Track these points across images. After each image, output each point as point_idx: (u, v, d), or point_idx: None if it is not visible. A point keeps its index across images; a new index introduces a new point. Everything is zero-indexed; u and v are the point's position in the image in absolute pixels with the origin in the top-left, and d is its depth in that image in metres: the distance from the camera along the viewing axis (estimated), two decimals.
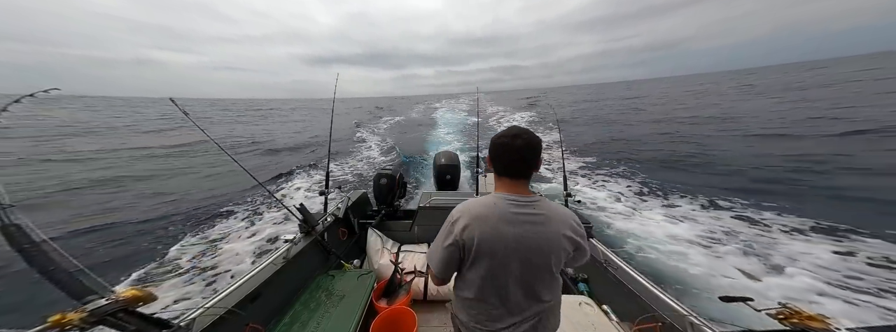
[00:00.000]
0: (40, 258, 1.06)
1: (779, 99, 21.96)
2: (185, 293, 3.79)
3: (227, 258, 4.62)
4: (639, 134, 13.97)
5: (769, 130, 12.11)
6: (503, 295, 1.11)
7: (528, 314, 1.14)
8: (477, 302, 1.15)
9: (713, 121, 15.53)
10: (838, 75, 40.81)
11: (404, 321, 2.10)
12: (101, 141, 16.52)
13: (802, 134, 10.75)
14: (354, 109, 48.84)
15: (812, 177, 6.90)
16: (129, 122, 29.05)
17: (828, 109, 14.99)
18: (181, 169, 10.16)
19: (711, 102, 25.54)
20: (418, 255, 2.92)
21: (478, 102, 5.08)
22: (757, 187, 6.59)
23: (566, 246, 1.08)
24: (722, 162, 8.66)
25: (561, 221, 1.08)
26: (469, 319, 1.20)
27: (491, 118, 24.38)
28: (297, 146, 15.26)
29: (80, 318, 0.99)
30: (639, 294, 1.88)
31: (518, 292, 1.11)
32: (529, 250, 1.06)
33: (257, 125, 27.59)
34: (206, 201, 7.10)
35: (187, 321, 1.45)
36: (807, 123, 12.52)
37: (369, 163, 10.69)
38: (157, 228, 5.69)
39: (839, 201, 5.61)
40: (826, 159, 7.86)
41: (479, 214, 1.08)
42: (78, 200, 7.20)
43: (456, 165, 4.31)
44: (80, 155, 12.01)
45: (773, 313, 1.21)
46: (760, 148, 9.74)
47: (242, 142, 16.85)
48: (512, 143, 1.06)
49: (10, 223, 1.07)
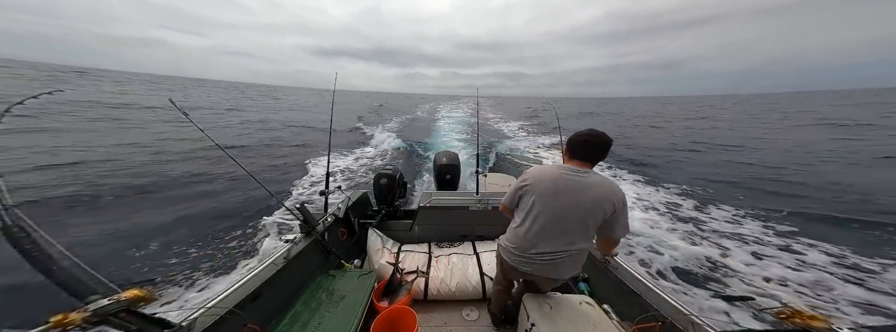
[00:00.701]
0: (42, 259, 1.06)
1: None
2: (185, 293, 3.79)
3: (228, 258, 4.62)
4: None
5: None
6: (539, 230, 1.57)
7: (554, 249, 1.56)
8: (521, 230, 1.64)
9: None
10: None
11: (405, 320, 2.10)
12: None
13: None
14: (355, 104, 48.59)
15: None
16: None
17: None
18: (181, 168, 10.15)
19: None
20: (418, 255, 2.93)
21: (477, 102, 5.08)
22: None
23: (604, 207, 1.45)
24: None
25: (603, 188, 1.47)
26: (509, 242, 1.73)
27: (490, 121, 24.39)
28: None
29: (83, 318, 0.99)
30: (639, 294, 1.88)
31: (552, 231, 1.55)
32: (569, 203, 1.49)
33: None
34: (206, 201, 7.09)
35: (188, 321, 1.45)
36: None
37: (369, 163, 10.70)
38: (158, 228, 5.68)
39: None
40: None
41: (540, 173, 1.63)
42: (79, 198, 7.20)
43: (456, 165, 4.32)
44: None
45: (774, 312, 1.21)
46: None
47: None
48: (592, 139, 1.53)
49: (12, 224, 1.07)
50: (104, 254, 4.74)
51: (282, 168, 9.54)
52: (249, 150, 11.62)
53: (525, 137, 15.68)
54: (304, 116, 24.96)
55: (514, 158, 10.86)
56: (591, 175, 1.51)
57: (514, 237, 1.69)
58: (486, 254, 2.88)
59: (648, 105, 73.01)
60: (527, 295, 1.96)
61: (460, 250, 3.03)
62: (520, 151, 12.37)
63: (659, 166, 10.13)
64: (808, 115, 29.48)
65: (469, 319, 2.47)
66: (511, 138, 14.77)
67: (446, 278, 2.63)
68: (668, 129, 21.35)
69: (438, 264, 2.80)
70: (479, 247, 3.05)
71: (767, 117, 27.99)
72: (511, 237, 1.72)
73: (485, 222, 3.25)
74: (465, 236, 3.32)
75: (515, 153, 11.81)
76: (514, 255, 1.71)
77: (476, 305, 2.59)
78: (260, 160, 10.26)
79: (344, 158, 10.78)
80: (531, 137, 15.75)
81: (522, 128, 20.52)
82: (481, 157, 6.69)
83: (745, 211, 6.09)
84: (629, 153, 12.01)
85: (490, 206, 3.15)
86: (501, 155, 11.38)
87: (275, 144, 12.70)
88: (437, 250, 3.05)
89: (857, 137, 15.35)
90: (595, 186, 1.48)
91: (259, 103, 36.64)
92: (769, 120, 25.59)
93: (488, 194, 3.27)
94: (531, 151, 12.25)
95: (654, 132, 19.84)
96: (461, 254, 2.93)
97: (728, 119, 27.78)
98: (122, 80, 70.33)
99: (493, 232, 3.30)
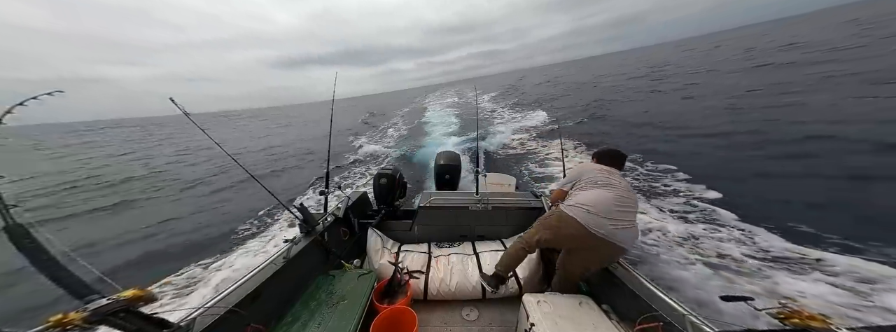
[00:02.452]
0: (43, 258, 1.06)
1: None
2: (185, 294, 3.79)
3: (228, 259, 4.63)
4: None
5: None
6: (614, 197, 1.89)
7: (626, 213, 1.87)
8: (600, 195, 1.93)
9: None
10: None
11: (404, 320, 2.11)
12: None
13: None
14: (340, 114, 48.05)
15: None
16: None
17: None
18: (182, 169, 10.18)
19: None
20: (418, 255, 2.93)
21: (477, 103, 5.08)
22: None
23: (635, 200, 1.98)
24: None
25: (626, 188, 1.98)
26: (585, 204, 1.92)
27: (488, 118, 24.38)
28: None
29: (82, 318, 0.99)
30: (639, 294, 1.88)
31: (623, 198, 1.91)
32: (625, 187, 1.99)
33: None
34: (206, 200, 7.11)
35: (188, 321, 1.45)
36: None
37: (369, 162, 10.69)
38: (158, 228, 5.69)
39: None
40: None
41: (589, 165, 2.25)
42: (81, 200, 7.21)
43: (456, 165, 4.32)
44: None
45: (773, 312, 1.21)
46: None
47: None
48: (615, 152, 2.28)
49: (14, 224, 1.08)
50: (99, 253, 4.74)
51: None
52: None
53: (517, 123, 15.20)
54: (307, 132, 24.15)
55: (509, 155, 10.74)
56: (619, 176, 2.08)
57: (578, 213, 1.87)
58: (486, 254, 2.88)
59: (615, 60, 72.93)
60: (527, 295, 1.97)
61: (460, 250, 3.03)
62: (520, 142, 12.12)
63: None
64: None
65: (469, 319, 2.47)
66: (503, 132, 14.45)
67: (446, 278, 2.63)
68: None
69: (438, 264, 2.80)
70: (479, 247, 3.05)
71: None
72: (584, 200, 1.92)
73: (485, 222, 3.26)
74: (464, 236, 3.32)
75: (509, 149, 11.62)
76: (590, 214, 1.84)
77: (476, 305, 2.59)
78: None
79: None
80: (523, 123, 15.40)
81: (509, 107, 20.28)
82: (481, 157, 6.66)
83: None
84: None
85: (490, 206, 3.15)
86: (500, 153, 11.33)
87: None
88: (436, 250, 3.05)
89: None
90: (622, 184, 2.01)
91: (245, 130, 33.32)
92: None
93: (488, 195, 3.27)
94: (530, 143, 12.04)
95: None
96: (461, 254, 2.93)
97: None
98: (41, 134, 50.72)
99: (492, 232, 3.30)
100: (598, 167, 2.13)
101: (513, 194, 3.63)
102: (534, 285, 2.64)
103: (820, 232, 4.08)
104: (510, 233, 3.23)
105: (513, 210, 3.21)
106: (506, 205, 3.20)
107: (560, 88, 29.86)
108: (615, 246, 1.84)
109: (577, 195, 2.01)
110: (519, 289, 2.55)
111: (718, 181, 5.71)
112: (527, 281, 2.60)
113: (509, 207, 3.20)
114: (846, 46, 19.12)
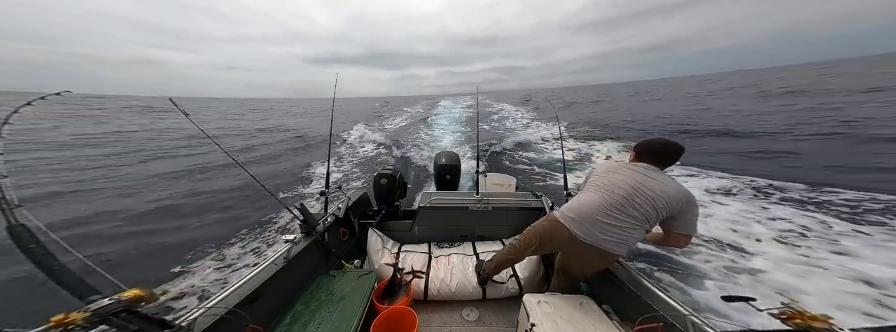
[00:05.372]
0: (46, 258, 1.06)
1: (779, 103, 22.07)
2: (186, 294, 3.79)
3: (228, 259, 4.63)
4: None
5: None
6: (601, 204, 1.77)
7: (612, 221, 1.73)
8: (588, 202, 1.84)
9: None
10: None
11: (405, 321, 2.10)
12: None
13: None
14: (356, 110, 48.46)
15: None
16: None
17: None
18: (182, 168, 10.17)
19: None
20: (419, 255, 2.93)
21: (477, 103, 5.07)
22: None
23: (657, 204, 1.65)
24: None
25: (664, 185, 1.67)
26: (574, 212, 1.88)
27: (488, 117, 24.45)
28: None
29: (83, 318, 0.99)
30: (639, 294, 1.88)
31: (613, 204, 1.74)
32: (628, 190, 1.72)
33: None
34: (206, 200, 7.10)
35: (188, 321, 1.45)
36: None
37: (369, 163, 10.69)
38: (158, 228, 5.69)
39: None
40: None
41: (603, 164, 2.07)
42: (82, 198, 7.21)
43: (456, 165, 4.32)
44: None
45: (775, 313, 1.20)
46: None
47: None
48: (661, 147, 1.81)
49: (16, 223, 1.08)
50: (100, 253, 4.75)
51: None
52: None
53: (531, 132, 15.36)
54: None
55: (512, 156, 10.77)
56: (657, 174, 1.75)
57: (579, 209, 1.85)
58: (486, 254, 2.88)
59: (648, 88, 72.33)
60: (527, 295, 1.97)
61: (460, 250, 3.03)
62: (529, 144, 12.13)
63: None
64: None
65: (469, 319, 2.47)
66: (511, 134, 14.54)
67: (446, 278, 2.63)
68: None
69: (438, 264, 2.80)
70: (479, 247, 3.05)
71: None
72: (574, 205, 1.91)
73: (485, 222, 3.26)
74: (465, 236, 3.32)
75: (516, 150, 11.66)
76: (576, 222, 1.84)
77: (476, 305, 2.59)
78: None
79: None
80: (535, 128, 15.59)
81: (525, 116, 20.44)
82: (481, 157, 6.66)
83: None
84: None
85: (490, 206, 3.15)
86: (500, 153, 11.34)
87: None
88: (437, 250, 3.05)
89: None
90: (656, 183, 1.70)
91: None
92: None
93: (489, 195, 3.27)
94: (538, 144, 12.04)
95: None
96: (461, 254, 2.93)
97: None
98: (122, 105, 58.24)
99: (493, 233, 3.30)
100: (609, 167, 1.94)
101: (513, 194, 3.63)
102: (534, 285, 2.64)
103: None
104: (510, 233, 3.23)
105: (513, 210, 3.21)
106: (506, 205, 3.20)
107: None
108: (607, 253, 1.81)
109: (571, 200, 1.97)
110: (519, 289, 2.56)
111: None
112: (527, 281, 2.61)
113: (510, 207, 3.20)
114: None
